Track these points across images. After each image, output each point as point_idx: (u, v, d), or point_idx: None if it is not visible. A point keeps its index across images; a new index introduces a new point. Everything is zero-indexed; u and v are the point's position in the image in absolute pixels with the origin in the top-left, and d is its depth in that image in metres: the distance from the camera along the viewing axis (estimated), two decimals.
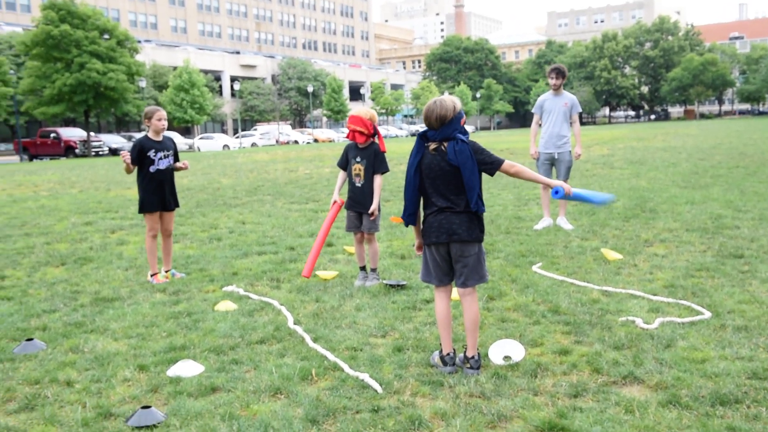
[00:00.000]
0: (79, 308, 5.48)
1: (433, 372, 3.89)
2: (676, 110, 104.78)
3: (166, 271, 6.49)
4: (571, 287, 5.64)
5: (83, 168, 26.76)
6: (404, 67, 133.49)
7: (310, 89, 66.03)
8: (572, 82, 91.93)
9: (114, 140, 46.55)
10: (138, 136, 47.96)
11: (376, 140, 5.80)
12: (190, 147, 50.66)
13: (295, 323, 4.86)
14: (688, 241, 7.30)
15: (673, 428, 3.13)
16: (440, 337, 4.00)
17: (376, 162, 5.72)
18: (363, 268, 6.00)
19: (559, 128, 8.26)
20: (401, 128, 77.84)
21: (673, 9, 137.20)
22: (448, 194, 3.89)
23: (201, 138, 52.46)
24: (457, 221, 3.88)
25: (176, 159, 6.53)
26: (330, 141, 60.31)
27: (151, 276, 6.35)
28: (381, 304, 5.26)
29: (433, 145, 3.91)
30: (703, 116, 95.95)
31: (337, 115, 69.60)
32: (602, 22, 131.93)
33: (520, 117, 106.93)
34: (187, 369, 3.99)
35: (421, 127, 77.55)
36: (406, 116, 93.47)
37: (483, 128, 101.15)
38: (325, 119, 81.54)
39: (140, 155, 6.27)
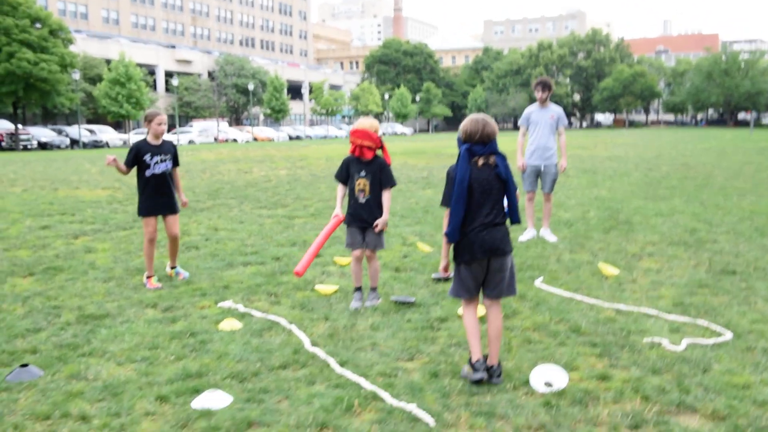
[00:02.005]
0: (66, 327, 5.03)
1: (479, 402, 3.70)
2: (606, 119, 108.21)
3: (171, 268, 6.48)
4: (581, 304, 5.56)
5: (17, 164, 25.34)
6: (342, 68, 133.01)
7: (250, 87, 64.81)
8: (509, 89, 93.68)
9: (43, 133, 44.41)
10: (69, 129, 46.31)
11: (380, 153, 5.54)
12: (125, 142, 48.92)
13: (312, 345, 4.59)
14: (674, 255, 7.36)
15: None
16: (470, 345, 4.02)
17: (383, 176, 5.40)
18: (359, 289, 5.61)
19: (546, 140, 8.22)
20: (341, 128, 77.41)
21: (604, 22, 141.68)
22: (493, 208, 3.98)
23: (137, 133, 50.72)
24: (498, 235, 3.98)
25: (175, 163, 6.35)
26: (270, 140, 59.37)
27: (147, 278, 6.21)
28: (396, 324, 5.04)
29: (482, 160, 3.97)
30: (631, 125, 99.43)
31: (277, 114, 68.55)
32: (536, 31, 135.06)
33: (457, 121, 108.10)
34: (215, 400, 3.67)
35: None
36: (344, 117, 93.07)
37: (422, 130, 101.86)
38: (262, 117, 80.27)
39: (136, 159, 6.12)
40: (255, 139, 59.18)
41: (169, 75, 72.48)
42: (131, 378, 4.05)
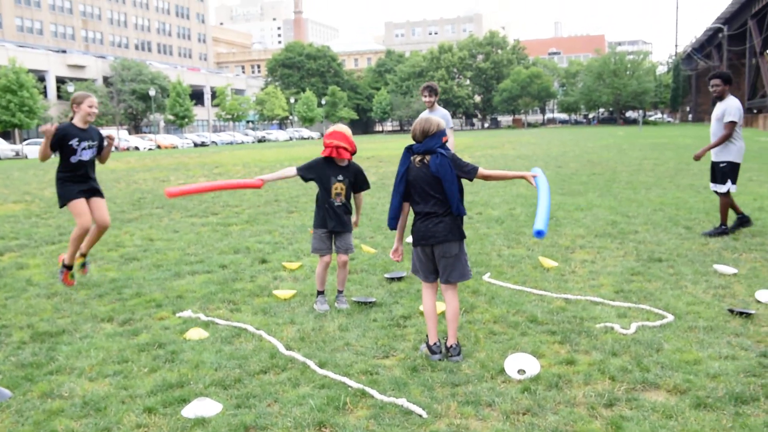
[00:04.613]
0: (22, 346, 4.84)
1: (464, 392, 3.88)
2: (505, 119, 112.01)
3: (82, 255, 6.21)
4: (531, 296, 5.86)
5: None
6: (243, 72, 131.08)
7: (152, 93, 62.78)
8: (412, 91, 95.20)
9: None
10: None
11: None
12: (17, 153, 46.25)
13: (287, 349, 4.63)
14: (603, 246, 7.84)
15: (717, 429, 3.37)
16: (427, 328, 4.45)
17: (359, 180, 5.55)
18: (322, 292, 5.68)
19: None
20: (247, 134, 76.19)
21: (500, 24, 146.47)
22: (430, 201, 4.38)
23: (28, 143, 48.01)
24: (439, 226, 4.38)
25: (100, 151, 6.05)
26: (173, 147, 57.76)
27: (63, 266, 6.00)
28: (363, 324, 5.15)
29: (418, 158, 4.40)
30: (530, 125, 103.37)
31: (182, 121, 66.70)
32: (436, 33, 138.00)
33: (363, 124, 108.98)
34: (206, 408, 3.67)
35: (268, 133, 76.55)
36: (249, 122, 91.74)
37: None
38: (162, 124, 77.90)
39: (61, 143, 5.69)
40: (158, 147, 57.41)
41: (60, 81, 69.11)
42: (109, 392, 3.96)
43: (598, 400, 3.73)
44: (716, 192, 8.33)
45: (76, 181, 5.86)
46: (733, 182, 8.18)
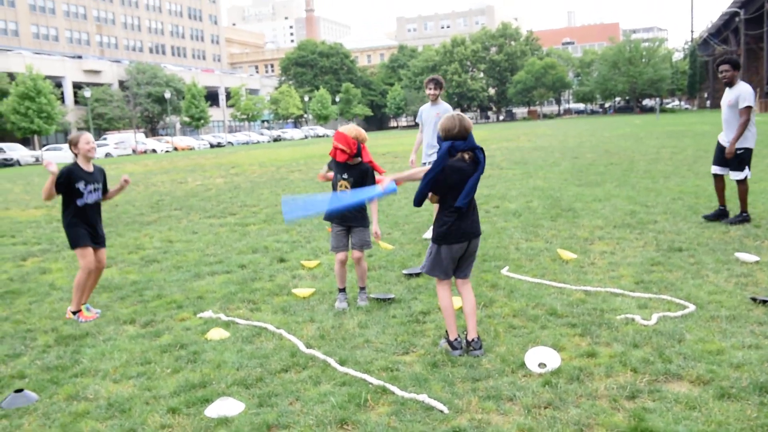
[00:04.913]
0: (47, 349, 4.91)
1: (484, 386, 3.88)
2: (520, 111, 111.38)
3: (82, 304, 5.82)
4: (550, 289, 5.84)
5: None
6: (257, 71, 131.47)
7: (167, 95, 63.17)
8: None
9: None
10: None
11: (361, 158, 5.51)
12: (37, 159, 46.79)
13: (307, 347, 4.66)
14: (622, 237, 7.79)
15: (742, 420, 3.34)
16: (447, 325, 4.44)
17: (367, 181, 5.45)
18: (343, 290, 5.70)
19: (430, 138, 8.11)
20: (262, 134, 76.48)
21: (512, 16, 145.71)
22: (470, 196, 4.34)
23: (47, 149, 48.59)
24: (477, 221, 4.48)
25: (105, 191, 5.90)
26: (190, 149, 58.11)
27: (74, 314, 5.65)
28: (383, 321, 5.17)
29: (467, 155, 4.32)
30: (545, 116, 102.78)
31: (197, 122, 67.06)
32: (448, 27, 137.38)
33: (377, 120, 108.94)
34: (229, 408, 3.71)
35: (283, 131, 76.71)
36: (264, 121, 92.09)
37: None
38: (179, 126, 78.42)
39: (67, 184, 5.59)
40: (175, 149, 57.80)
41: (77, 87, 69.72)
42: (134, 394, 4.02)
43: (620, 392, 3.72)
44: (733, 179, 8.24)
45: (87, 224, 5.70)
46: (749, 168, 8.12)
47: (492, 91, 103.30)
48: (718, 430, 3.25)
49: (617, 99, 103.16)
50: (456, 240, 4.37)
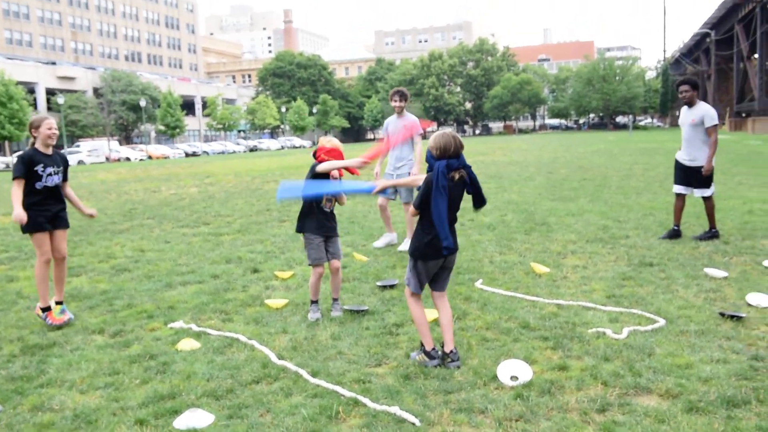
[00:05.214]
0: (12, 359, 4.81)
1: (456, 399, 3.87)
2: (496, 125, 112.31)
3: (58, 303, 5.69)
4: (523, 302, 5.86)
5: None
6: (234, 81, 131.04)
7: (142, 103, 62.66)
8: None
9: None
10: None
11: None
12: (8, 166, 46.08)
13: (279, 358, 4.62)
14: (595, 251, 7.86)
15: None
16: (422, 336, 4.46)
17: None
18: (315, 302, 5.66)
19: (398, 151, 8.21)
20: (238, 143, 76.15)
21: (489, 32, 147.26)
22: (454, 214, 4.47)
23: (18, 155, 47.75)
24: (454, 235, 4.47)
25: (65, 177, 5.83)
26: (165, 158, 57.62)
27: (44, 311, 5.55)
28: (356, 332, 5.15)
29: (458, 174, 4.34)
30: (521, 131, 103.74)
31: (173, 131, 66.55)
32: (426, 41, 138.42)
33: (354, 132, 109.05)
34: (198, 419, 3.66)
35: (260, 142, 76.41)
36: (240, 131, 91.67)
37: None
38: (153, 135, 77.75)
39: (28, 169, 5.50)
40: (149, 157, 57.27)
41: (50, 93, 68.89)
42: (100, 405, 3.94)
43: (590, 405, 3.74)
44: (699, 196, 8.38)
45: (42, 209, 5.59)
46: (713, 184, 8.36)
47: (468, 105, 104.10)
48: None
49: (591, 115, 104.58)
50: (433, 256, 4.41)
